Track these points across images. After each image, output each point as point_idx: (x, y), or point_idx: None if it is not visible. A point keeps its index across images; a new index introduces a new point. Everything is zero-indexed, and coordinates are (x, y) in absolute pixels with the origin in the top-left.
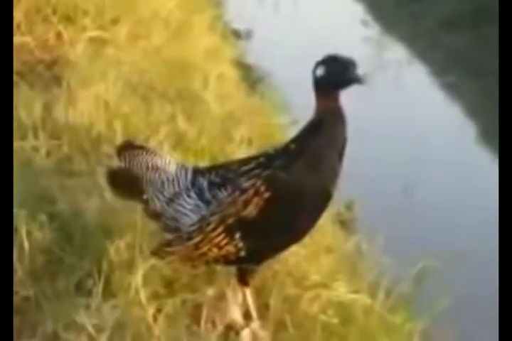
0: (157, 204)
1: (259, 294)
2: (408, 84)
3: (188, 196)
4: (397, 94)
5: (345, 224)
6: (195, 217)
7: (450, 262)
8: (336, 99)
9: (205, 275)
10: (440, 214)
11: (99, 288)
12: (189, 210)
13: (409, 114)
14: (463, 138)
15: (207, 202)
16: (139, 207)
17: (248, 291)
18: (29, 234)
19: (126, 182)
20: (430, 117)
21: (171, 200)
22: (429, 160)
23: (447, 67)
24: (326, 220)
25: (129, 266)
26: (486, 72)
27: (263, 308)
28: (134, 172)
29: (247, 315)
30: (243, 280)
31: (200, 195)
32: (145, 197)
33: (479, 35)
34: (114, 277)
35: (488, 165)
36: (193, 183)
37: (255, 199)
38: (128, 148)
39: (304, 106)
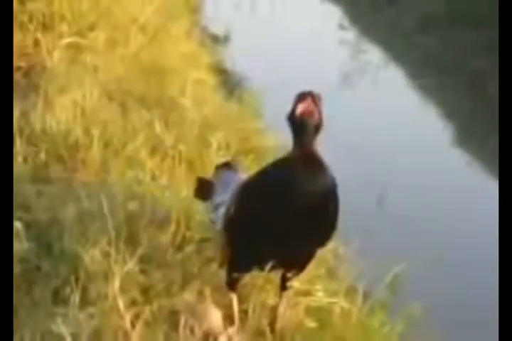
0: (209, 208)
1: (238, 300)
2: (386, 87)
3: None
4: (374, 96)
5: None
6: None
7: (427, 266)
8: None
9: (180, 281)
10: (416, 218)
11: (76, 296)
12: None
13: (386, 117)
14: (440, 140)
15: None
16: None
17: (235, 296)
18: None
19: (205, 189)
20: (407, 119)
21: (217, 206)
22: (406, 163)
23: (424, 69)
24: None
25: (106, 274)
26: (462, 74)
27: (242, 314)
28: (213, 182)
29: (228, 320)
30: (231, 285)
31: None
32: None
33: (454, 37)
34: (91, 285)
35: (464, 168)
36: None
37: (233, 198)
38: (222, 166)
39: (281, 111)
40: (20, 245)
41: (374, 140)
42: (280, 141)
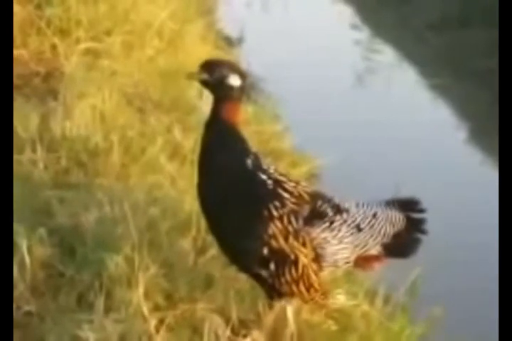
0: None
1: (256, 303)
2: (399, 87)
3: None
4: (388, 96)
5: None
6: None
7: (446, 266)
8: None
9: (203, 285)
10: (433, 217)
11: (101, 301)
12: None
13: (400, 117)
14: (453, 140)
15: None
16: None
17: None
18: (29, 248)
19: None
20: (420, 120)
21: None
22: (420, 163)
23: (437, 69)
24: None
25: (129, 279)
26: (475, 74)
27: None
28: None
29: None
30: None
31: None
32: None
33: (467, 37)
34: (115, 290)
35: (477, 166)
36: None
37: None
38: None
39: (297, 112)
40: (44, 251)
41: (387, 139)
42: (298, 143)
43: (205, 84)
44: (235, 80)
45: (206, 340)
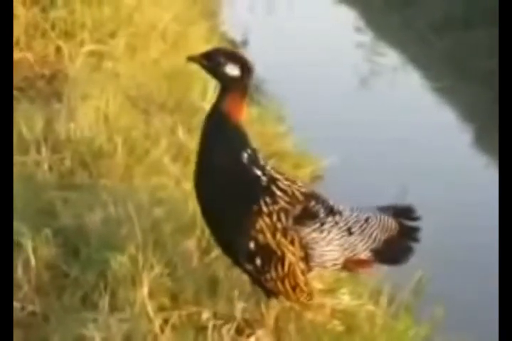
0: None
1: (260, 303)
2: (402, 89)
3: None
4: (391, 98)
5: None
6: None
7: (446, 267)
8: None
9: (207, 286)
10: (436, 218)
11: (106, 301)
12: None
13: (403, 119)
14: (458, 142)
15: None
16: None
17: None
18: (34, 249)
19: None
20: (425, 122)
21: None
22: (424, 165)
23: (441, 72)
24: None
25: (133, 279)
26: (480, 76)
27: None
28: None
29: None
30: None
31: None
32: None
33: (471, 39)
34: (119, 290)
35: (483, 170)
36: None
37: None
38: None
39: (301, 113)
40: (49, 251)
41: (390, 141)
42: (301, 144)
43: (209, 71)
44: (232, 69)
45: (210, 340)
